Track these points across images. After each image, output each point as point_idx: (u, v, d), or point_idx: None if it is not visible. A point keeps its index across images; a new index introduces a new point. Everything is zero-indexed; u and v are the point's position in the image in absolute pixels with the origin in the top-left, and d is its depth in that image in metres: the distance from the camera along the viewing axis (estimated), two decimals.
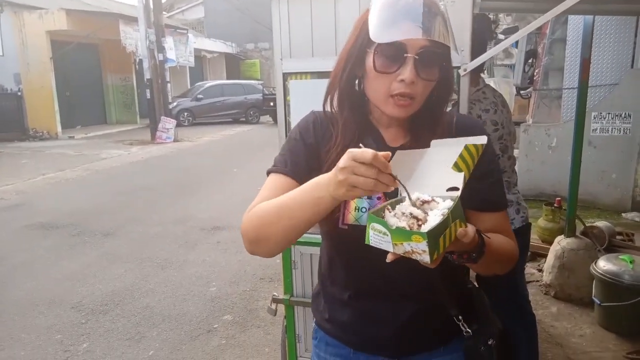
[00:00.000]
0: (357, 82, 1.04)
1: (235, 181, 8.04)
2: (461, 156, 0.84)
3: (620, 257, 2.99)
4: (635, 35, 5.38)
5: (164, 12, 15.92)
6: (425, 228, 0.76)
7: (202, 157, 10.99)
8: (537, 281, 3.64)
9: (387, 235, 0.76)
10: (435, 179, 0.86)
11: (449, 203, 0.80)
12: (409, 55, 0.92)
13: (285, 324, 2.12)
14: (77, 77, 16.29)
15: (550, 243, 3.64)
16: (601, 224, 3.81)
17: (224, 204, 6.47)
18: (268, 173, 1.08)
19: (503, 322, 1.14)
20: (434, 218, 0.77)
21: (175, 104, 16.76)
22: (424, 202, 0.83)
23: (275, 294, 2.11)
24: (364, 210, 1.01)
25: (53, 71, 14.32)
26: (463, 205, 0.84)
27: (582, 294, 3.26)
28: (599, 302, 2.95)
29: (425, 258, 0.74)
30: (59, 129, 14.60)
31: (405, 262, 0.81)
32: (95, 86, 17.49)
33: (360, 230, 0.92)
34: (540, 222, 4.28)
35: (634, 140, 5.18)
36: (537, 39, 6.48)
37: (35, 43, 13.95)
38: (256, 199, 1.00)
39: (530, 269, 3.85)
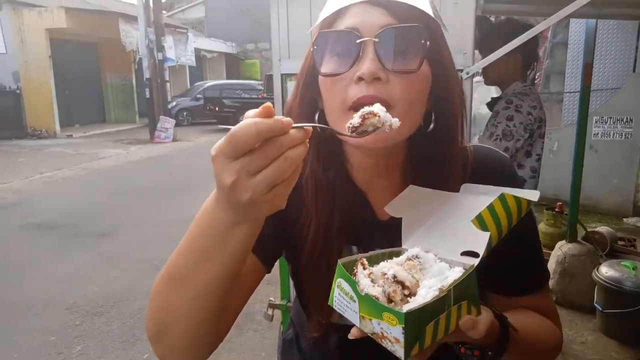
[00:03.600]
0: (317, 115, 0.73)
1: None
2: (491, 209, 0.58)
3: (623, 263, 2.95)
4: (637, 39, 5.35)
5: (164, 11, 15.88)
6: (408, 305, 0.51)
7: (201, 157, 10.93)
8: None
9: (355, 301, 0.52)
10: (453, 236, 0.60)
11: (458, 273, 0.55)
12: (365, 38, 0.64)
13: (282, 329, 2.09)
14: (76, 76, 16.23)
15: (552, 248, 3.60)
16: (603, 229, 3.78)
17: None
18: None
19: None
20: (426, 292, 0.52)
21: (174, 103, 16.73)
22: (418, 260, 0.58)
23: (271, 298, 2.08)
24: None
25: (52, 69, 14.26)
26: (484, 286, 0.63)
27: (583, 300, 3.22)
28: (601, 309, 2.92)
29: (397, 351, 0.49)
30: (58, 127, 14.55)
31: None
32: (94, 85, 17.45)
33: (346, 330, 0.61)
34: (541, 227, 4.23)
35: (635, 145, 5.15)
36: (539, 43, 6.46)
37: (34, 41, 13.89)
38: None
39: None
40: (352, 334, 0.54)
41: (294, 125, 0.47)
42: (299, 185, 0.75)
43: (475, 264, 0.55)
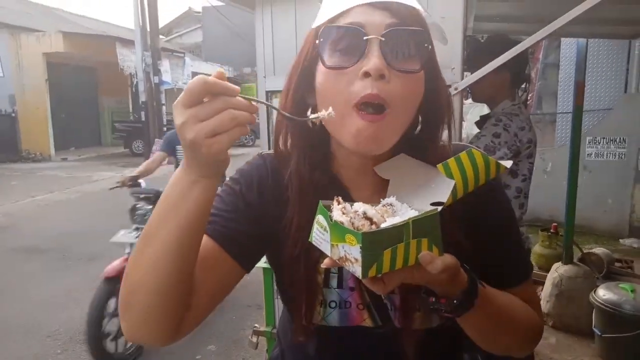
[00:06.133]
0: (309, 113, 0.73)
1: None
2: (458, 160, 0.61)
3: (621, 285, 2.87)
4: (628, 61, 5.40)
5: (162, 36, 16.06)
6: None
7: None
8: None
9: (327, 232, 0.58)
10: (430, 193, 0.65)
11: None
12: (372, 36, 0.65)
13: (267, 358, 1.99)
14: (73, 99, 16.27)
15: (547, 270, 3.52)
16: (599, 250, 3.71)
17: None
18: None
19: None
20: (388, 223, 0.58)
21: (170, 126, 16.74)
22: (392, 207, 0.63)
23: (256, 325, 1.98)
24: (333, 305, 0.77)
25: (48, 93, 14.30)
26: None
27: (581, 324, 3.13)
28: (599, 333, 2.82)
29: (357, 270, 0.55)
30: (52, 150, 14.50)
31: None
32: (90, 108, 17.48)
33: (328, 332, 0.78)
34: (536, 249, 4.16)
35: (629, 165, 5.13)
36: (530, 63, 6.51)
37: (32, 65, 13.97)
38: None
39: None
40: (325, 264, 0.60)
41: (244, 96, 0.57)
42: (284, 184, 0.78)
43: (439, 208, 0.60)
